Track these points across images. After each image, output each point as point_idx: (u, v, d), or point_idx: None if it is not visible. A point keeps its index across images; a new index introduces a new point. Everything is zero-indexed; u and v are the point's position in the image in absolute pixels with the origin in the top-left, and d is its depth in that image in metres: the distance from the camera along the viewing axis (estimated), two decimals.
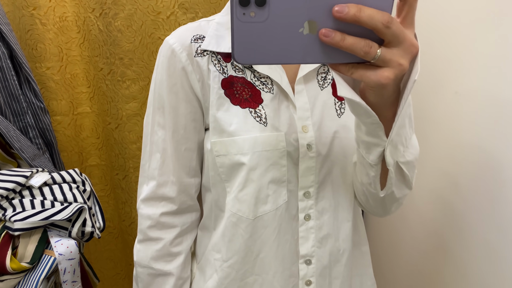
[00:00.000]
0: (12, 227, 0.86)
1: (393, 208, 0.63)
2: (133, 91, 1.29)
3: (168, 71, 0.64)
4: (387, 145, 0.50)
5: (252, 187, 0.62)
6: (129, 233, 1.44)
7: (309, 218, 0.65)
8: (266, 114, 0.62)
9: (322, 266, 0.67)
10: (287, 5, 0.38)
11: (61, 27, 1.24)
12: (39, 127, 1.14)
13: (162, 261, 0.68)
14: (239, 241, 0.65)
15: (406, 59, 0.40)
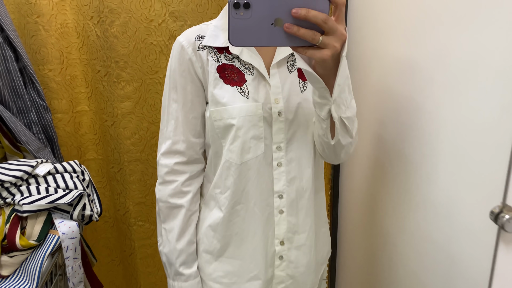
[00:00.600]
0: (21, 209, 0.99)
1: (342, 155, 0.85)
2: (128, 92, 1.41)
3: (179, 61, 0.87)
4: (332, 104, 0.72)
5: (239, 141, 0.85)
6: (123, 222, 1.56)
7: (281, 165, 0.88)
8: (248, 90, 0.85)
9: (291, 199, 0.90)
10: (263, 8, 0.59)
11: (62, 33, 1.36)
12: (42, 123, 1.26)
13: (176, 197, 0.91)
14: (231, 180, 0.88)
15: (338, 43, 0.61)
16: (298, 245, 0.93)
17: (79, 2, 1.33)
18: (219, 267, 0.93)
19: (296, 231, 0.92)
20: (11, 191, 1.02)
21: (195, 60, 0.86)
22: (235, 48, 0.85)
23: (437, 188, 0.80)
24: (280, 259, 0.92)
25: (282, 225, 0.91)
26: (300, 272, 0.94)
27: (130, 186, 1.51)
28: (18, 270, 0.98)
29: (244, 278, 0.92)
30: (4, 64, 1.13)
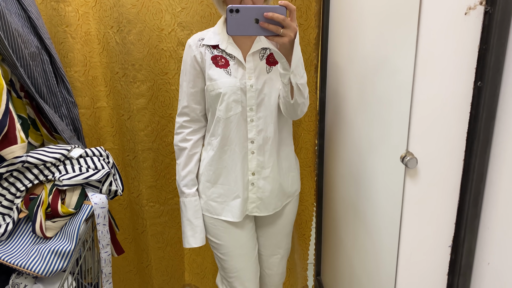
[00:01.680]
0: (60, 184, 1.21)
1: (299, 112, 1.26)
2: (142, 90, 1.64)
3: (187, 56, 1.33)
4: (291, 74, 1.13)
5: (224, 103, 1.27)
6: (136, 203, 1.79)
7: (252, 121, 1.30)
8: (231, 71, 1.28)
9: (259, 144, 1.31)
10: (247, 13, 1.02)
11: (86, 40, 1.59)
12: (71, 117, 1.48)
13: (182, 143, 1.37)
14: (220, 129, 1.30)
15: (292, 33, 1.05)
16: (264, 176, 1.35)
17: (101, 14, 1.56)
18: (215, 191, 1.36)
19: (263, 166, 1.34)
20: (51, 170, 1.24)
21: (197, 53, 1.30)
22: (222, 44, 1.28)
23: (364, 143, 1.04)
24: (252, 185, 1.35)
25: (253, 162, 1.33)
26: (265, 195, 1.36)
27: (143, 171, 1.74)
28: (59, 233, 1.20)
29: (230, 198, 1.35)
30: (42, 66, 1.36)
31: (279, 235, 1.49)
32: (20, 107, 1.29)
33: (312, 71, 1.66)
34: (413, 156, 0.74)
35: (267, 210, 1.39)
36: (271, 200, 1.38)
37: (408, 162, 0.73)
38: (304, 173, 1.80)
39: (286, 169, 1.40)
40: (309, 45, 1.63)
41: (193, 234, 1.37)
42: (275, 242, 1.50)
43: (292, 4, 1.10)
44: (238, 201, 1.35)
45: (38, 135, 1.36)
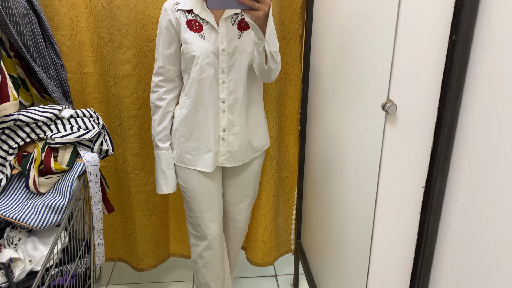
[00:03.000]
0: (53, 142, 1.24)
1: (272, 76, 1.40)
2: (128, 56, 1.66)
3: (162, 19, 1.42)
4: (265, 43, 1.26)
5: (198, 65, 1.39)
6: (122, 170, 1.82)
7: (224, 83, 1.42)
8: (204, 35, 1.39)
9: (229, 104, 1.45)
10: None
11: (73, 4, 1.59)
12: (59, 79, 1.50)
13: (158, 101, 1.50)
14: (194, 89, 1.42)
15: (266, 7, 1.17)
16: (234, 133, 1.50)
17: None
18: (189, 145, 1.50)
19: (233, 124, 1.48)
20: (43, 129, 1.27)
21: (172, 17, 1.40)
22: (196, 9, 1.39)
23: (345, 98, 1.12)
24: (222, 140, 1.50)
25: (224, 119, 1.47)
26: (234, 149, 1.52)
27: (129, 139, 1.77)
28: (52, 189, 1.24)
29: (203, 151, 1.50)
30: (30, 27, 1.36)
31: (246, 184, 1.66)
32: (10, 66, 1.30)
33: (298, 41, 1.72)
34: (393, 103, 0.81)
35: (235, 162, 1.55)
36: (239, 153, 1.54)
37: (388, 109, 0.80)
38: (289, 140, 1.87)
39: (254, 126, 1.55)
40: (295, 14, 1.68)
41: (166, 182, 1.54)
42: (243, 191, 1.67)
43: None
44: (210, 154, 1.50)
45: (28, 95, 1.37)
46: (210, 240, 1.60)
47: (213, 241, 1.61)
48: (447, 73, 0.72)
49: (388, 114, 0.82)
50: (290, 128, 1.86)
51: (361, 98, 1.06)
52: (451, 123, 0.74)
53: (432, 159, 0.77)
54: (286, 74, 1.79)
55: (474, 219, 0.71)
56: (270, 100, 1.78)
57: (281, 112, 1.83)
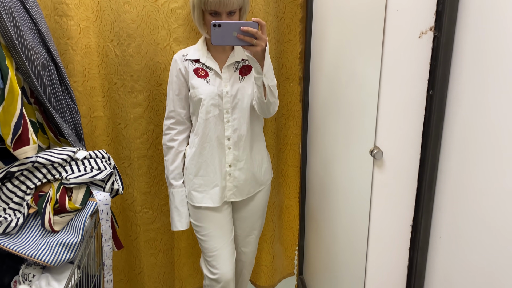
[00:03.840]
0: (67, 182, 1.33)
1: (271, 110, 1.52)
2: (139, 100, 1.76)
3: (173, 69, 1.58)
4: (263, 77, 1.38)
5: (204, 107, 1.52)
6: (130, 209, 1.89)
7: (228, 121, 1.55)
8: (210, 80, 1.54)
9: (234, 141, 1.56)
10: (227, 27, 1.31)
11: (86, 52, 1.71)
12: (73, 122, 1.60)
13: (170, 142, 1.63)
14: (201, 129, 1.55)
15: (263, 43, 1.33)
16: (239, 168, 1.60)
17: (101, 28, 1.69)
18: (196, 182, 1.61)
19: (238, 159, 1.59)
20: (58, 170, 1.36)
21: (182, 66, 1.56)
22: (203, 59, 1.55)
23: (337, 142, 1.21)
24: (229, 176, 1.61)
25: (230, 156, 1.58)
26: (240, 183, 1.62)
27: (138, 178, 1.85)
28: (66, 227, 1.31)
29: (210, 186, 1.60)
30: (49, 75, 1.48)
31: (253, 217, 1.74)
32: (31, 112, 1.40)
33: (297, 82, 1.83)
34: (380, 150, 0.90)
35: (241, 196, 1.64)
36: (245, 187, 1.64)
37: (375, 154, 0.89)
38: (292, 172, 1.97)
39: (259, 161, 1.66)
40: (295, 58, 1.80)
41: (180, 219, 1.63)
42: (250, 224, 1.75)
43: (263, 20, 1.40)
44: (217, 189, 1.60)
45: (45, 138, 1.47)
46: (224, 284, 1.63)
47: (227, 285, 1.64)
48: (427, 123, 0.80)
49: (376, 159, 0.90)
50: (292, 161, 1.97)
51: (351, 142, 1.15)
52: (432, 167, 0.81)
53: (417, 199, 0.85)
54: (288, 111, 1.90)
55: (456, 256, 0.77)
56: (270, 135, 1.88)
57: (284, 146, 1.94)
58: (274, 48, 1.77)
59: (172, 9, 1.68)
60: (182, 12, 1.69)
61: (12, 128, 1.22)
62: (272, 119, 1.86)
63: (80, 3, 1.66)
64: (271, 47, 1.76)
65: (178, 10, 1.68)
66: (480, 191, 0.70)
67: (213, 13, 1.45)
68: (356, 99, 1.10)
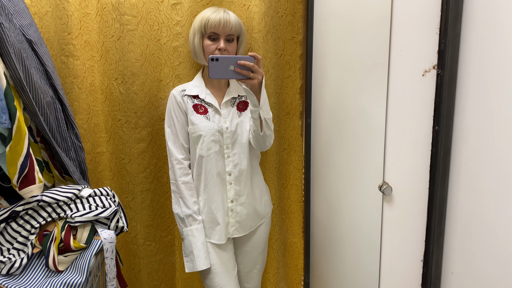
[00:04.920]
0: (72, 221, 1.32)
1: (267, 143, 1.55)
2: (143, 135, 1.78)
3: (172, 103, 1.57)
4: (260, 110, 1.43)
5: (205, 143, 1.52)
6: (133, 243, 1.88)
7: (229, 157, 1.55)
8: (210, 117, 1.54)
9: (235, 176, 1.57)
10: (224, 61, 1.34)
11: (90, 90, 1.74)
12: (78, 160, 1.60)
13: (184, 177, 1.56)
14: (201, 165, 1.55)
15: (260, 76, 1.36)
16: (241, 203, 1.59)
17: (106, 67, 1.73)
18: (203, 218, 1.57)
19: (240, 194, 1.59)
20: (63, 208, 1.35)
21: (180, 102, 1.55)
22: (202, 95, 1.55)
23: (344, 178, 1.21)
24: (231, 211, 1.60)
25: (231, 191, 1.58)
26: (242, 219, 1.61)
27: (142, 212, 1.84)
28: (70, 266, 1.30)
29: (214, 224, 1.57)
30: (55, 114, 1.50)
31: (255, 252, 1.72)
32: (36, 151, 1.41)
33: (298, 116, 1.86)
34: (389, 185, 0.91)
35: (243, 231, 1.63)
36: (247, 222, 1.63)
37: (385, 190, 0.90)
38: (295, 208, 1.95)
39: (259, 195, 1.66)
40: (296, 93, 1.83)
41: (206, 256, 1.54)
42: (253, 259, 1.73)
43: (259, 55, 1.43)
44: (221, 226, 1.58)
45: (50, 177, 1.47)
46: None
47: None
48: (434, 158, 0.82)
49: (385, 195, 0.91)
50: (295, 196, 1.95)
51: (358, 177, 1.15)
52: (441, 201, 0.82)
53: (427, 234, 0.85)
54: (290, 146, 1.91)
55: None
56: (271, 170, 1.88)
57: (286, 181, 1.93)
58: (274, 84, 1.80)
59: (174, 47, 1.72)
60: (183, 50, 1.73)
61: (18, 167, 1.23)
62: (273, 153, 1.87)
63: (85, 44, 1.70)
64: (271, 82, 1.79)
65: (180, 48, 1.72)
66: (491, 226, 0.70)
67: (212, 37, 1.49)
68: (362, 135, 1.12)
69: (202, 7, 1.69)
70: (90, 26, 1.70)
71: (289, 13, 1.76)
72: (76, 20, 1.68)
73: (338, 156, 1.38)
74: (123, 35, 1.69)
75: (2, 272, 1.22)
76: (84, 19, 1.69)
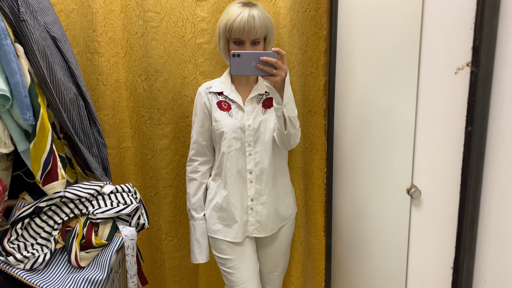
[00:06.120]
0: (94, 217, 1.33)
1: (292, 142, 1.48)
2: (166, 132, 1.78)
3: (198, 101, 1.58)
4: (283, 108, 1.36)
5: (226, 140, 1.51)
6: (156, 237, 1.88)
7: (250, 155, 1.53)
8: (232, 113, 1.53)
9: (256, 174, 1.54)
10: (246, 57, 1.30)
11: (115, 87, 1.75)
12: (100, 156, 1.61)
13: (192, 174, 1.62)
14: (223, 162, 1.54)
15: (283, 73, 1.31)
16: (262, 202, 1.56)
17: (130, 63, 1.73)
18: (220, 215, 1.58)
19: (260, 193, 1.55)
20: (85, 205, 1.36)
21: (206, 99, 1.56)
22: (226, 91, 1.54)
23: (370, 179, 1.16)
24: (251, 210, 1.57)
25: (251, 189, 1.55)
26: (263, 219, 1.57)
27: (164, 207, 1.85)
28: (92, 262, 1.30)
29: (232, 221, 1.56)
30: (78, 111, 1.51)
31: (277, 254, 1.68)
32: (60, 147, 1.42)
33: (321, 114, 1.81)
34: (417, 188, 0.86)
35: (264, 232, 1.59)
36: (268, 223, 1.58)
37: (413, 193, 0.85)
38: (317, 208, 1.91)
39: (282, 195, 1.61)
40: (319, 90, 1.79)
41: (200, 252, 1.61)
42: (274, 261, 1.69)
43: (283, 50, 1.35)
44: (240, 224, 1.56)
45: (73, 173, 1.49)
46: None
47: None
48: (466, 161, 0.77)
49: (413, 198, 0.86)
50: (317, 196, 1.91)
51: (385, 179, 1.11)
52: (474, 206, 0.77)
53: (458, 240, 0.80)
54: (312, 145, 1.87)
55: None
56: (297, 170, 1.84)
57: (308, 181, 1.89)
58: (299, 81, 1.76)
59: (198, 44, 1.71)
60: (208, 47, 1.71)
61: (42, 163, 1.24)
62: (299, 153, 1.83)
63: (110, 41, 1.71)
64: (296, 79, 1.75)
65: (205, 45, 1.71)
66: None
67: (237, 42, 1.44)
68: (390, 135, 1.07)
69: (228, 2, 1.67)
70: (114, 23, 1.70)
71: (312, 8, 1.72)
72: (100, 17, 1.68)
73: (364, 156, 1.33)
74: (147, 31, 1.69)
75: (26, 267, 1.23)
76: (109, 16, 1.69)
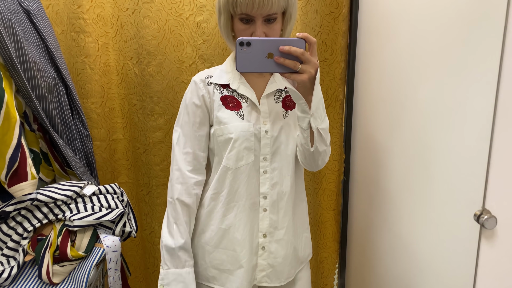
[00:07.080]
0: (71, 224, 1.13)
1: (319, 162, 1.09)
2: (159, 123, 1.58)
3: (192, 94, 1.13)
4: (311, 117, 0.97)
5: (234, 151, 1.09)
6: (148, 241, 1.69)
7: (266, 172, 1.11)
8: (243, 114, 1.10)
9: (273, 200, 1.12)
10: (259, 46, 0.88)
11: (105, 71, 1.54)
12: (84, 150, 1.42)
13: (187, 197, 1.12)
14: (227, 181, 1.11)
15: (313, 69, 0.91)
16: (277, 239, 1.14)
17: (121, 45, 1.52)
18: (217, 256, 1.14)
19: (276, 227, 1.14)
20: (62, 209, 1.17)
21: (205, 92, 1.12)
22: (234, 84, 1.11)
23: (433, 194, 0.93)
24: (262, 250, 1.14)
25: (265, 221, 1.13)
26: (278, 262, 1.15)
27: (157, 208, 1.66)
28: (67, 278, 1.11)
29: (235, 265, 1.13)
30: (57, 98, 1.31)
31: None
32: (33, 141, 1.23)
33: (338, 107, 1.59)
34: (492, 215, 0.63)
35: (278, 280, 1.17)
36: (284, 267, 1.16)
37: (485, 222, 0.62)
38: (328, 216, 1.70)
39: (299, 229, 1.21)
40: (334, 80, 1.56)
41: None
42: None
43: (313, 37, 0.95)
44: (246, 270, 1.13)
45: (49, 170, 1.29)
46: None
47: None
48: None
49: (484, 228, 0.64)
50: (329, 203, 1.69)
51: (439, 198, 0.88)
52: None
53: None
54: None
55: None
56: (308, 173, 1.63)
57: (318, 185, 1.67)
58: None
59: (197, 22, 1.49)
60: (208, 26, 1.49)
61: (7, 161, 1.04)
62: None
63: (98, 18, 1.49)
64: None
65: (204, 24, 1.49)
66: None
67: (245, 19, 1.02)
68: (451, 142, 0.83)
69: None
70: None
71: None
72: None
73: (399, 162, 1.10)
74: (138, 7, 1.47)
75: None
76: None
